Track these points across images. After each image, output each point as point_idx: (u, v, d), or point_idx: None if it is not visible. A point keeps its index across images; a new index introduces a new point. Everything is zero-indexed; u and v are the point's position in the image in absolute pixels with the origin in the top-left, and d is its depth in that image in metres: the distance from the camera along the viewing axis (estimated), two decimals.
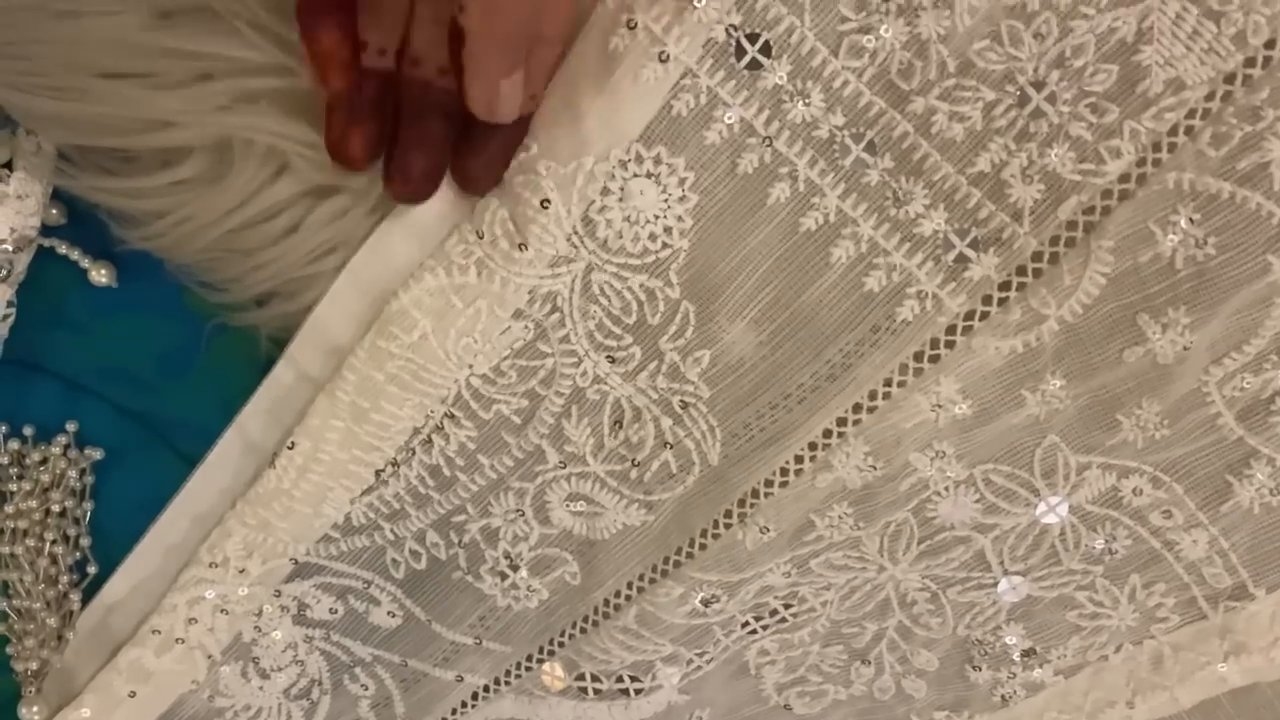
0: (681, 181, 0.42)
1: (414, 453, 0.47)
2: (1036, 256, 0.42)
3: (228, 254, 0.46)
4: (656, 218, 0.42)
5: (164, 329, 0.49)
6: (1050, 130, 0.41)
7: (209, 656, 0.52)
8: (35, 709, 0.50)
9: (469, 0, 0.35)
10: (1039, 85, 0.40)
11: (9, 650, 0.51)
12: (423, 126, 0.40)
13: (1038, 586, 0.50)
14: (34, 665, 0.50)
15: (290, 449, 0.47)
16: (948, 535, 0.48)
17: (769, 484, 0.46)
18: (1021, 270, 0.42)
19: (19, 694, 0.51)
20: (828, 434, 0.45)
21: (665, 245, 0.43)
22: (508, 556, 0.49)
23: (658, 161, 0.41)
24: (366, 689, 0.53)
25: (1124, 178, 0.41)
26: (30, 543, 0.50)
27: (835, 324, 0.44)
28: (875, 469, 0.45)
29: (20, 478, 0.50)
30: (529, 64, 0.38)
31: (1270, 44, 0.40)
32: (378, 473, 0.48)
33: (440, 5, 0.37)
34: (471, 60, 0.37)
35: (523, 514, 0.49)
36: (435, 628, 0.51)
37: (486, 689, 0.53)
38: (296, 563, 0.50)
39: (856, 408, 0.45)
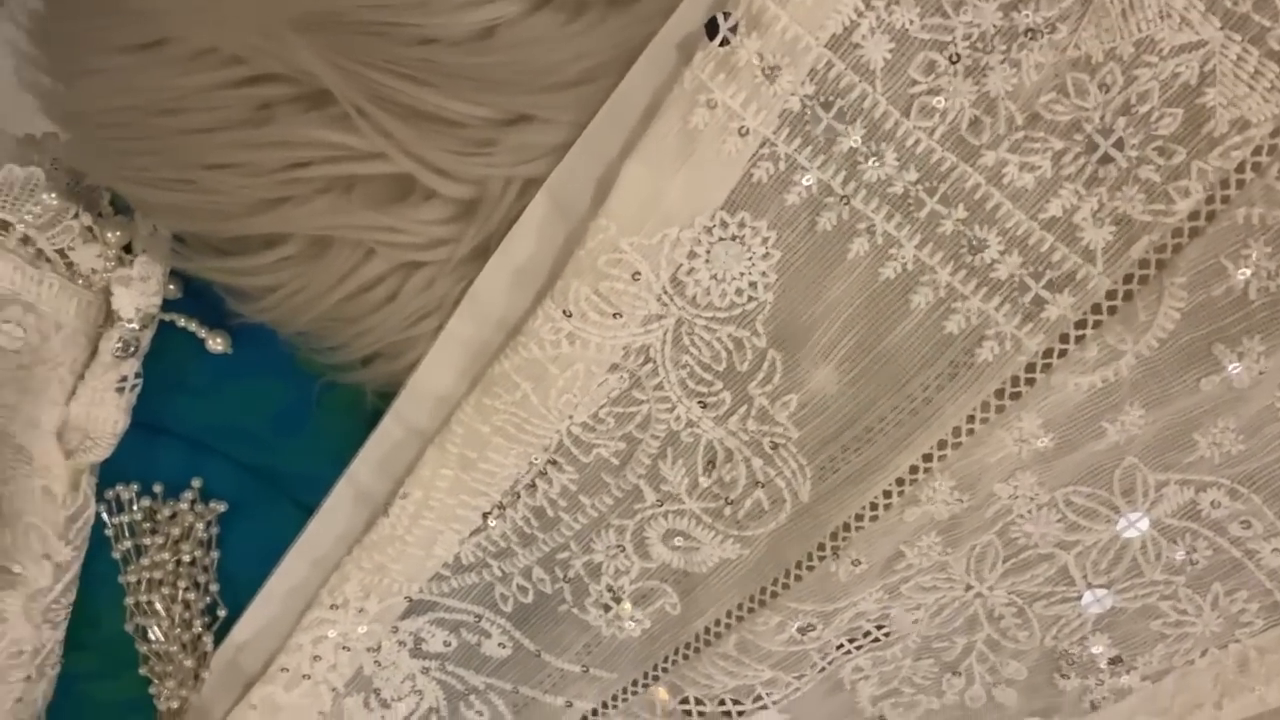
0: (764, 240, 0.43)
1: (519, 496, 0.50)
2: (1111, 295, 0.43)
3: (334, 322, 0.48)
4: (742, 274, 0.44)
5: (278, 390, 0.52)
6: (1119, 174, 0.42)
7: (333, 689, 0.54)
8: None
9: None
10: (1106, 132, 0.41)
11: (151, 690, 0.54)
12: None
13: (1121, 598, 0.51)
14: (175, 704, 0.54)
15: (403, 498, 0.50)
16: (1032, 553, 0.50)
17: (859, 518, 0.48)
18: (1097, 309, 0.43)
19: None
20: (914, 470, 0.47)
21: (751, 299, 0.45)
22: (610, 589, 0.52)
23: (741, 225, 0.43)
24: (482, 714, 0.56)
25: (1194, 215, 0.42)
26: (165, 591, 0.53)
27: (917, 364, 0.45)
28: (961, 501, 0.47)
29: (153, 532, 0.53)
30: None
31: None
32: (484, 515, 0.50)
33: None
34: None
35: (623, 549, 0.51)
36: (544, 657, 0.54)
37: (595, 712, 0.56)
38: (411, 600, 0.52)
39: (941, 444, 0.46)
